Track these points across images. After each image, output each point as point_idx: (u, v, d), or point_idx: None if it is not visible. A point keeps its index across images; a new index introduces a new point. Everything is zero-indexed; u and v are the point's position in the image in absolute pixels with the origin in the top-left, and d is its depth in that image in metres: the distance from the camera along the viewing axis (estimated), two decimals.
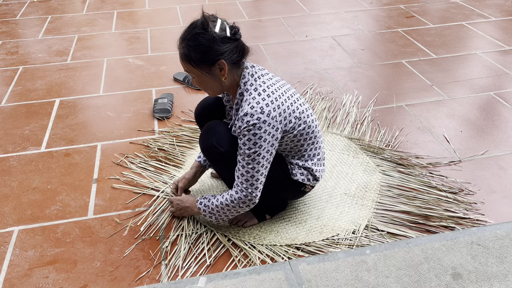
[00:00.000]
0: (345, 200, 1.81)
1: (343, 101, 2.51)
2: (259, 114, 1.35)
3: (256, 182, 1.45)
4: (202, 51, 1.35)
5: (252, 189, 1.45)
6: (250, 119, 1.35)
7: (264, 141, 1.38)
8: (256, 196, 1.47)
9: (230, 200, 1.49)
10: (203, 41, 1.34)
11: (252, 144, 1.38)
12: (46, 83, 2.77)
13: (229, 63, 1.38)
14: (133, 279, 1.51)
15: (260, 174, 1.44)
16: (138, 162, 2.06)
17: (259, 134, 1.36)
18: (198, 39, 1.34)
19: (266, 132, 1.37)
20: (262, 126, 1.36)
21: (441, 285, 1.40)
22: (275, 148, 1.43)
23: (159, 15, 3.83)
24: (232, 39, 1.37)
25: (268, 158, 1.43)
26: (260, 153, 1.39)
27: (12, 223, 1.75)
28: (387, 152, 2.08)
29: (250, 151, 1.39)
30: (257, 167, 1.42)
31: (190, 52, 1.36)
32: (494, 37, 3.25)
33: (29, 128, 2.34)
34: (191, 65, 1.38)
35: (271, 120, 1.37)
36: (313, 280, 1.42)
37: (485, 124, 2.29)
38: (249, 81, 1.43)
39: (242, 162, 1.42)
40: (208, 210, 1.57)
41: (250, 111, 1.36)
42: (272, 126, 1.38)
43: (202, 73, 1.39)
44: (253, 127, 1.35)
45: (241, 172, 1.44)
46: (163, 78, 2.81)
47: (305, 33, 3.41)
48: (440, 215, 1.72)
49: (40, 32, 3.53)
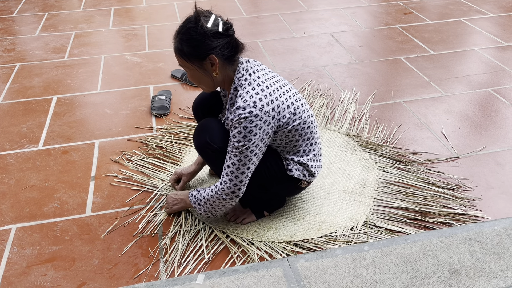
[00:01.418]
0: (343, 197, 1.81)
1: (341, 97, 2.51)
2: (251, 108, 1.35)
3: (242, 175, 1.44)
4: (194, 45, 1.36)
5: (237, 182, 1.45)
6: (242, 112, 1.36)
7: (255, 135, 1.38)
8: (239, 190, 1.47)
9: (215, 191, 1.50)
10: (194, 35, 1.35)
11: (242, 137, 1.38)
12: (43, 81, 2.76)
13: (221, 58, 1.39)
14: (131, 277, 1.51)
15: (246, 168, 1.44)
16: (136, 159, 2.06)
17: (250, 127, 1.36)
18: (190, 33, 1.36)
19: (257, 126, 1.37)
20: (254, 120, 1.36)
21: (439, 281, 1.40)
22: (265, 143, 1.43)
23: (157, 12, 3.81)
24: (224, 35, 1.38)
25: (257, 153, 1.43)
26: (249, 147, 1.39)
27: (10, 221, 1.74)
28: (385, 149, 2.09)
29: (239, 144, 1.39)
30: (244, 160, 1.42)
31: (182, 46, 1.38)
32: (492, 33, 3.25)
33: (26, 125, 2.33)
34: (183, 59, 1.40)
35: (263, 114, 1.37)
36: (311, 277, 1.43)
37: (483, 120, 2.29)
38: (243, 76, 1.43)
39: (231, 154, 1.42)
40: (197, 201, 1.58)
41: (243, 104, 1.36)
42: (264, 121, 1.38)
43: (194, 67, 1.41)
44: (244, 120, 1.36)
45: (228, 164, 1.44)
46: (161, 75, 2.81)
47: (303, 29, 3.40)
48: (438, 211, 1.73)
49: (37, 29, 3.51)
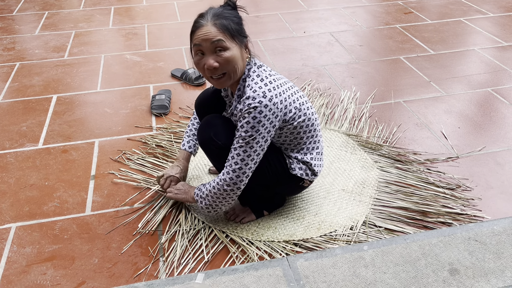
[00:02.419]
0: (343, 196, 1.81)
1: (341, 97, 2.51)
2: (261, 98, 1.37)
3: (245, 167, 1.44)
4: (240, 23, 1.43)
5: (240, 173, 1.45)
6: (252, 102, 1.37)
7: (263, 126, 1.39)
8: (241, 181, 1.47)
9: (216, 182, 1.50)
10: (238, 16, 1.44)
11: (250, 127, 1.38)
12: (43, 79, 2.76)
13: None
14: (131, 276, 1.51)
15: (250, 160, 1.44)
16: (135, 158, 2.06)
17: (259, 118, 1.37)
18: (234, 14, 1.43)
19: (266, 117, 1.38)
20: (263, 110, 1.37)
21: (439, 281, 1.40)
22: (271, 136, 1.44)
23: (157, 11, 3.81)
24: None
25: (262, 145, 1.43)
26: (256, 138, 1.40)
27: (10, 219, 1.75)
28: (385, 148, 2.09)
29: (246, 134, 1.39)
30: (249, 151, 1.42)
31: (229, 22, 1.39)
32: (492, 33, 3.25)
33: (26, 124, 2.33)
34: (228, 35, 1.38)
35: (272, 105, 1.38)
36: (311, 276, 1.43)
37: (482, 120, 2.29)
38: (252, 68, 1.46)
39: (236, 145, 1.43)
40: (200, 194, 1.58)
41: (253, 94, 1.38)
42: (272, 112, 1.39)
43: (237, 45, 1.41)
44: (254, 109, 1.36)
45: (233, 155, 1.44)
46: (161, 74, 2.80)
47: (303, 29, 3.40)
48: (438, 211, 1.73)
49: (37, 28, 3.51)
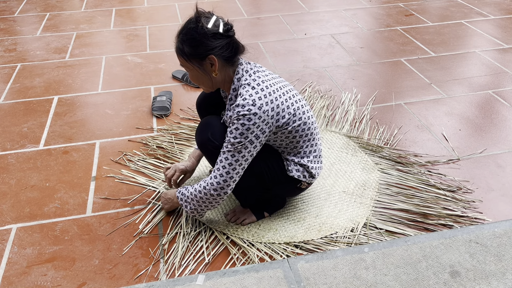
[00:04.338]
0: (344, 198, 1.81)
1: (342, 99, 2.51)
2: (250, 106, 1.36)
3: (233, 171, 1.45)
4: (194, 45, 1.38)
5: (227, 178, 1.45)
6: (241, 109, 1.37)
7: (252, 133, 1.39)
8: (229, 186, 1.47)
9: (203, 186, 1.50)
10: (194, 36, 1.37)
11: (238, 133, 1.38)
12: (44, 81, 2.76)
13: (220, 59, 1.40)
14: (131, 277, 1.51)
15: (239, 165, 1.44)
16: (136, 160, 2.06)
17: (248, 125, 1.37)
18: (191, 33, 1.38)
19: (255, 125, 1.38)
20: (252, 118, 1.37)
21: (439, 283, 1.40)
22: (261, 142, 1.44)
23: (158, 13, 3.82)
24: (225, 36, 1.39)
25: (251, 151, 1.43)
26: (245, 144, 1.40)
27: (11, 220, 1.75)
28: (385, 150, 2.09)
29: (235, 140, 1.39)
30: (237, 157, 1.42)
31: (183, 45, 1.40)
32: (493, 36, 3.25)
33: (27, 125, 2.33)
34: (184, 58, 1.42)
35: (262, 113, 1.38)
36: (312, 278, 1.43)
37: (483, 122, 2.29)
38: (243, 77, 1.44)
39: (225, 149, 1.43)
40: (184, 198, 1.57)
41: (242, 102, 1.37)
42: (262, 120, 1.38)
43: (194, 67, 1.42)
44: (242, 117, 1.37)
45: (221, 159, 1.44)
46: (162, 75, 2.81)
47: (304, 31, 3.40)
48: (439, 213, 1.73)
49: (38, 29, 3.51)
